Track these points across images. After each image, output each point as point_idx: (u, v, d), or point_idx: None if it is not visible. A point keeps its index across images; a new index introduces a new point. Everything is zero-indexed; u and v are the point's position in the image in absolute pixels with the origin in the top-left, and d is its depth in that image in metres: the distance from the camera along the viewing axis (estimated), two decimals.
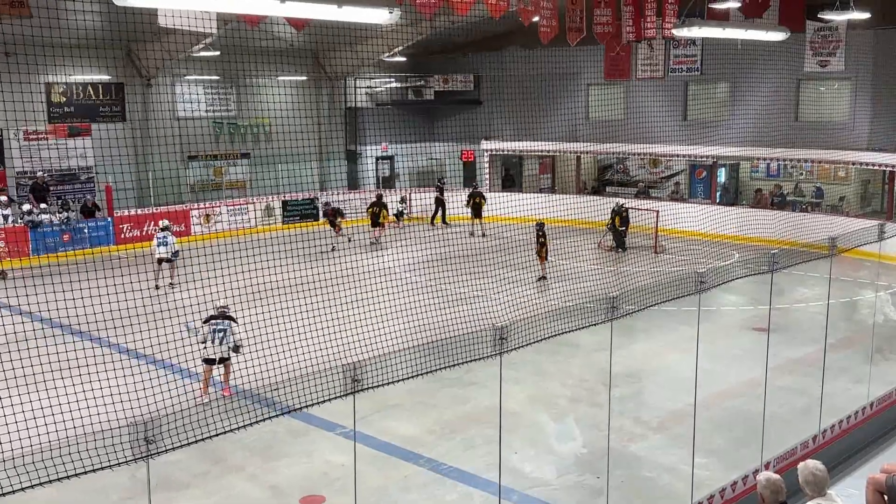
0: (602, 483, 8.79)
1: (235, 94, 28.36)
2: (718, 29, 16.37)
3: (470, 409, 11.73)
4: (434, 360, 6.69)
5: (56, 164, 24.39)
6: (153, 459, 4.96)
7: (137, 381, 10.24)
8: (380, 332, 10.78)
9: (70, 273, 11.40)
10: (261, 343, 10.94)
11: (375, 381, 5.98)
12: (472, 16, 19.41)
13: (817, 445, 9.61)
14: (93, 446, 4.88)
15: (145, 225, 24.62)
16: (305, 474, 9.92)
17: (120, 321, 11.21)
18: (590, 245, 23.82)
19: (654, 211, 23.83)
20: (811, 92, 25.43)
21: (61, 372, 9.72)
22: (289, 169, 26.41)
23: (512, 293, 17.04)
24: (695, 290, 8.22)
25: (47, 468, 4.78)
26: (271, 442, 10.64)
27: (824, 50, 23.38)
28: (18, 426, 7.50)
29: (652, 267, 21.30)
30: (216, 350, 11.69)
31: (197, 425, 5.17)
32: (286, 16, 12.78)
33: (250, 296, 14.96)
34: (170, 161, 25.04)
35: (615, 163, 30.29)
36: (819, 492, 6.08)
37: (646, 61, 26.64)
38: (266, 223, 26.93)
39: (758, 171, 27.62)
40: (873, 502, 6.93)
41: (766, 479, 5.99)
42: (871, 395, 10.79)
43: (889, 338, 15.03)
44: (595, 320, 7.67)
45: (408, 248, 20.42)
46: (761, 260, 9.45)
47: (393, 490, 9.44)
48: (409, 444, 10.64)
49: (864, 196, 25.74)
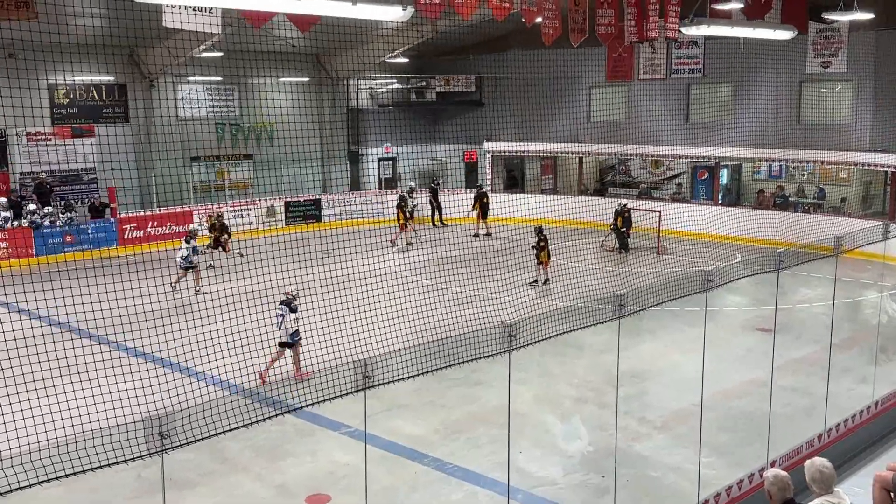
0: (608, 482, 8.82)
1: (238, 95, 28.40)
2: (727, 27, 16.40)
3: (476, 409, 11.75)
4: (443, 357, 6.72)
5: (59, 166, 24.44)
6: (165, 457, 4.98)
7: (146, 380, 10.28)
8: (387, 331, 10.82)
9: (77, 273, 11.44)
10: (271, 342, 11.01)
11: (385, 378, 6.00)
12: (475, 17, 19.42)
13: (823, 444, 9.64)
14: (107, 441, 4.90)
15: (148, 226, 24.67)
16: (311, 473, 9.94)
17: (128, 322, 11.25)
18: (592, 246, 23.85)
19: (657, 212, 23.86)
20: (813, 93, 25.45)
21: (69, 369, 9.77)
22: (291, 170, 26.44)
23: (518, 294, 17.08)
24: (702, 288, 8.25)
25: (63, 462, 4.80)
26: (278, 441, 10.66)
27: (826, 51, 23.40)
28: (25, 424, 7.54)
29: (654, 268, 21.32)
30: (279, 335, 12.70)
31: (210, 421, 5.20)
32: (302, 13, 12.75)
33: (259, 296, 15.00)
34: (173, 162, 25.12)
35: (617, 164, 30.31)
36: (826, 489, 6.10)
37: (648, 62, 26.67)
38: (269, 224, 26.97)
39: (760, 172, 27.65)
40: (880, 500, 6.95)
41: (773, 475, 6.00)
42: (876, 395, 10.82)
43: (893, 338, 15.04)
44: (602, 319, 7.69)
45: (412, 250, 20.46)
46: (764, 260, 9.48)
47: (400, 489, 9.47)
48: (415, 444, 10.66)
49: (865, 197, 25.76)
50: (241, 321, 12.16)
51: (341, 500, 9.14)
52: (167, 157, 24.62)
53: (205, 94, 27.65)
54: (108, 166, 24.22)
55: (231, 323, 11.92)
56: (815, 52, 23.58)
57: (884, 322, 15.43)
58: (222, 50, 24.88)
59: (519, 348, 6.60)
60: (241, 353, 10.50)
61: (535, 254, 19.24)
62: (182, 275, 18.30)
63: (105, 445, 4.91)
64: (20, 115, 17.11)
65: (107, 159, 24.49)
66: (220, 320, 12.41)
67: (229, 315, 12.09)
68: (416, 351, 6.91)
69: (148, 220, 24.78)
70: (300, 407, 5.94)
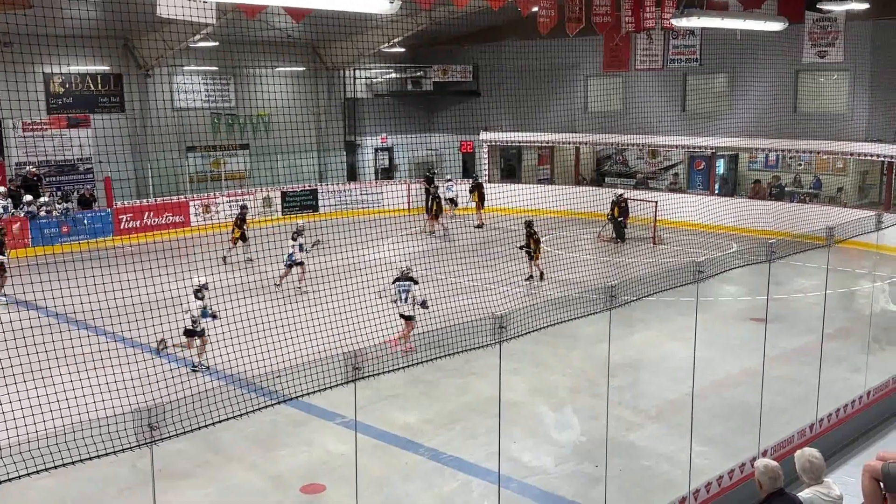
0: (600, 472, 8.85)
1: (234, 85, 28.34)
2: (717, 19, 16.39)
3: (469, 399, 11.78)
4: (435, 349, 6.74)
5: (55, 156, 24.41)
6: (156, 447, 5.00)
7: (136, 371, 10.31)
8: (380, 321, 10.84)
9: (74, 264, 11.45)
10: (262, 332, 10.99)
11: (376, 369, 6.02)
12: (471, 6, 19.39)
13: (814, 434, 9.68)
14: (97, 433, 4.92)
15: (144, 216, 24.65)
16: (305, 463, 9.98)
17: (125, 313, 11.26)
18: (588, 236, 23.86)
19: (653, 202, 23.87)
20: (810, 83, 25.44)
21: (63, 360, 9.77)
22: (288, 160, 26.40)
23: (512, 284, 17.11)
24: (693, 279, 8.27)
25: (52, 454, 4.82)
26: (272, 432, 10.69)
27: (823, 41, 23.38)
28: (14, 415, 7.55)
29: (650, 258, 21.35)
30: (404, 308, 13.55)
31: (200, 412, 5.21)
32: (287, 6, 12.75)
33: (252, 287, 15.02)
34: (170, 152, 25.12)
35: (614, 154, 30.31)
36: (816, 479, 6.14)
37: (645, 52, 26.62)
38: (265, 215, 26.96)
39: (756, 162, 27.65)
40: (869, 489, 6.97)
41: (764, 465, 6.03)
42: (868, 385, 10.86)
43: (886, 328, 15.10)
44: (595, 310, 7.71)
45: (408, 240, 20.45)
46: (759, 250, 9.50)
47: (393, 479, 9.50)
48: (408, 434, 10.70)
49: (861, 187, 25.79)
50: (239, 312, 12.18)
51: (336, 490, 9.18)
52: (163, 148, 24.58)
53: (200, 83, 27.60)
54: (104, 157, 24.20)
55: (229, 313, 11.94)
56: (812, 42, 23.55)
57: (877, 312, 15.47)
58: (218, 39, 24.81)
59: (510, 339, 6.62)
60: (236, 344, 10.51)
61: (525, 252, 18.85)
62: (286, 272, 18.05)
63: (96, 437, 4.92)
64: (16, 105, 17.09)
65: (102, 149, 24.45)
66: (219, 311, 12.46)
67: (228, 305, 12.12)
68: (410, 341, 6.92)
69: (144, 210, 24.75)
70: (291, 398, 5.95)
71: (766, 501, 5.94)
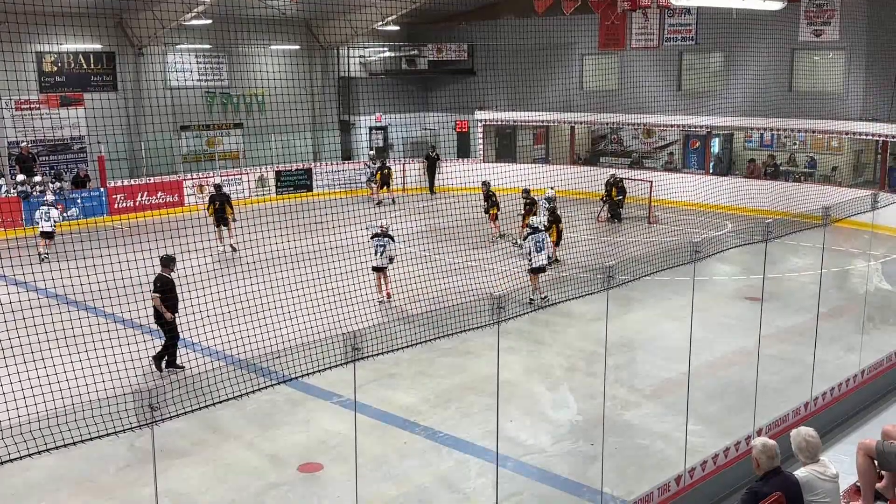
0: (596, 450, 8.91)
1: (228, 63, 28.14)
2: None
3: (466, 379, 11.82)
4: (432, 329, 6.75)
5: (48, 135, 24.26)
6: (156, 427, 5.01)
7: (135, 351, 10.31)
8: (378, 302, 10.85)
9: (74, 244, 11.41)
10: (261, 312, 11.00)
11: (375, 350, 6.03)
12: None
13: (809, 412, 9.75)
14: (97, 413, 4.93)
15: (138, 196, 24.57)
16: (303, 442, 10.02)
17: (124, 293, 11.24)
18: (584, 216, 23.86)
19: (648, 181, 23.87)
20: (805, 62, 25.39)
21: (64, 341, 9.78)
22: (282, 140, 26.30)
23: (509, 264, 17.13)
24: (690, 259, 8.29)
25: (53, 435, 4.83)
26: (270, 411, 10.73)
27: (819, 19, 23.30)
28: (15, 396, 7.56)
29: (646, 237, 21.37)
30: (378, 260, 14.99)
31: (199, 393, 5.23)
32: None
33: (250, 265, 15.01)
34: (163, 132, 24.96)
35: (609, 133, 30.25)
36: (812, 458, 6.20)
37: (640, 31, 26.47)
38: (260, 194, 26.89)
39: (751, 141, 27.64)
40: (864, 467, 7.07)
41: (762, 444, 6.09)
42: (863, 363, 10.93)
43: (880, 307, 15.18)
44: (591, 290, 7.73)
45: (405, 219, 20.42)
46: (754, 230, 9.51)
47: (390, 458, 9.55)
48: (406, 413, 10.74)
49: (856, 166, 25.81)
50: (233, 291, 12.19)
51: (333, 469, 9.22)
52: (157, 127, 24.43)
53: (194, 62, 27.40)
54: (97, 135, 24.04)
55: (223, 293, 11.94)
56: (808, 21, 23.48)
57: (871, 291, 15.54)
58: (211, 17, 24.62)
59: (507, 320, 6.63)
60: (233, 323, 10.52)
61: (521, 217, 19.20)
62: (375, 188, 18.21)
63: (96, 417, 4.93)
64: (7, 84, 16.92)
65: (95, 129, 24.28)
66: (212, 291, 12.43)
67: (221, 285, 12.11)
68: (407, 323, 6.94)
69: (137, 189, 24.66)
70: (290, 379, 5.97)
71: (763, 479, 6.00)
